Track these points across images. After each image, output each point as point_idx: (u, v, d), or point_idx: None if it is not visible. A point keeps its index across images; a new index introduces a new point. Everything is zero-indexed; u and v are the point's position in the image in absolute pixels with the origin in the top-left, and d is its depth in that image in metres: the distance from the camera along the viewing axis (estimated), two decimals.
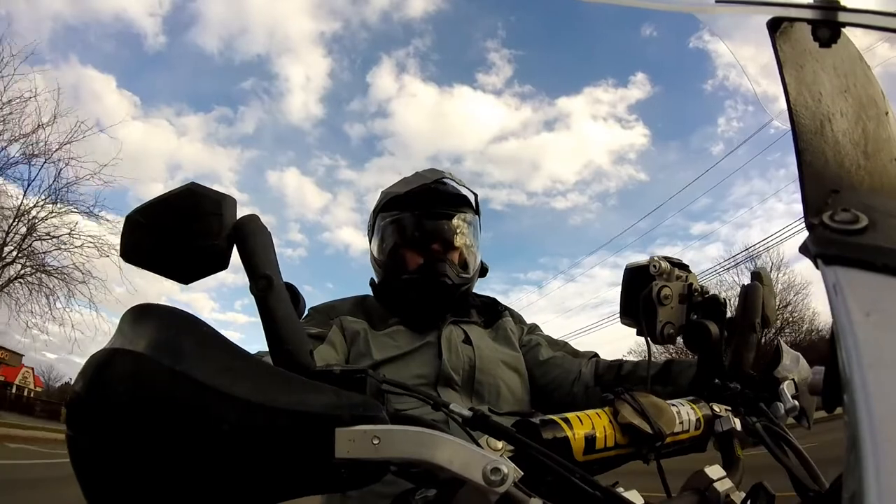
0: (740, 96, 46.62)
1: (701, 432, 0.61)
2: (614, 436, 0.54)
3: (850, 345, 0.27)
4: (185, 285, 0.48)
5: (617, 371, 0.96)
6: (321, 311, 1.07)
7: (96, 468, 0.38)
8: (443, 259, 1.03)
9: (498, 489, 0.38)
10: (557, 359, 1.07)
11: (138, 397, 0.37)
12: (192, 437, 0.36)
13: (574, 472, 0.44)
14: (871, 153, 0.41)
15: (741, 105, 47.41)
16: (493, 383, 1.00)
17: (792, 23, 0.42)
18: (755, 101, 0.50)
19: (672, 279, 0.73)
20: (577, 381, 1.00)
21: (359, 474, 0.39)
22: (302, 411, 0.38)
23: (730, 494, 0.54)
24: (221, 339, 0.40)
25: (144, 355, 0.37)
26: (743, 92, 47.71)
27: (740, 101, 46.95)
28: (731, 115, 50.49)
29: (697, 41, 48.51)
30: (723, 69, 47.10)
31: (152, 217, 0.46)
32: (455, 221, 1.06)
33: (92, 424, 0.38)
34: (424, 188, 1.05)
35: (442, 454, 0.38)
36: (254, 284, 0.44)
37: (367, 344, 1.00)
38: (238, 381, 0.38)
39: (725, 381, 0.68)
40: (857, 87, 0.44)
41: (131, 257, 0.47)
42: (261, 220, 0.47)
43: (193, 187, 0.46)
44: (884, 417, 0.24)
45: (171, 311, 0.41)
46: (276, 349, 0.44)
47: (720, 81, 48.27)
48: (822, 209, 0.33)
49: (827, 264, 0.30)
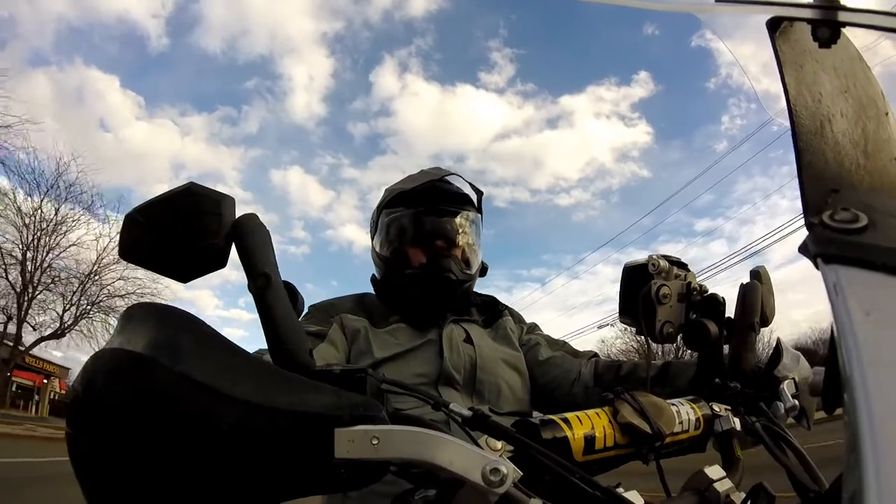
0: (743, 94, 46.80)
1: (700, 432, 0.61)
2: (614, 436, 0.54)
3: (850, 344, 0.27)
4: (185, 284, 0.48)
5: (616, 371, 0.97)
6: (321, 309, 1.07)
7: (96, 467, 0.38)
8: (447, 255, 1.04)
9: (497, 489, 0.38)
10: (557, 358, 1.07)
11: (138, 397, 0.37)
12: (192, 437, 0.36)
13: (574, 473, 0.44)
14: (871, 153, 0.41)
15: (744, 103, 47.58)
16: (494, 382, 1.00)
17: (792, 23, 0.42)
18: (757, 99, 0.50)
19: (671, 278, 0.73)
20: (577, 381, 1.00)
21: (358, 474, 0.39)
22: (301, 411, 0.38)
23: (730, 495, 0.54)
24: (220, 339, 0.40)
25: (144, 355, 0.37)
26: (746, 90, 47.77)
27: (743, 98, 47.13)
28: (735, 112, 50.76)
29: (700, 40, 48.75)
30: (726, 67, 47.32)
31: (151, 216, 0.47)
32: (459, 219, 1.07)
33: (91, 424, 0.38)
34: (429, 185, 1.06)
35: (441, 454, 0.38)
36: (252, 283, 0.44)
37: (368, 342, 1.00)
38: (237, 381, 0.38)
39: (725, 381, 0.68)
40: (856, 87, 0.44)
41: (131, 256, 0.47)
42: (259, 219, 0.47)
43: (192, 187, 0.46)
44: (884, 417, 0.24)
45: (169, 310, 0.41)
46: (275, 347, 0.44)
47: (723, 79, 48.53)
48: (822, 208, 0.33)
49: (827, 263, 0.30)
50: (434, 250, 1.04)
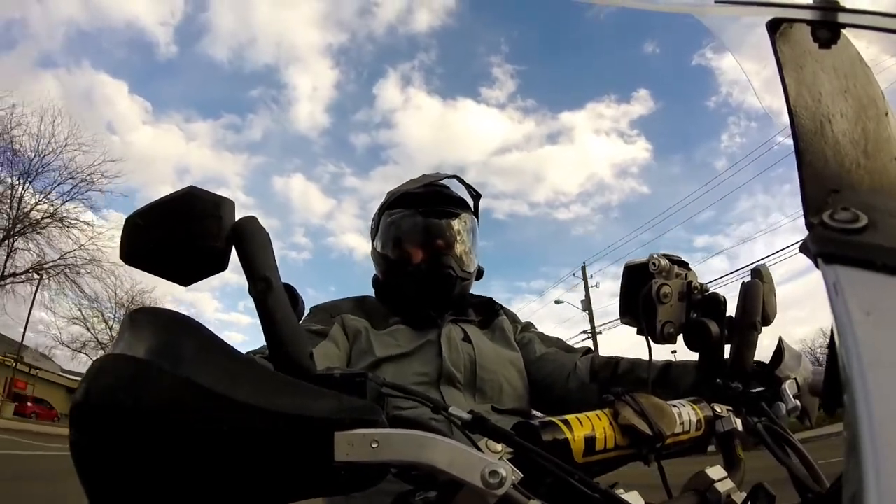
0: (742, 112, 47.02)
1: (702, 433, 0.61)
2: (614, 437, 0.53)
3: (850, 344, 0.27)
4: (185, 287, 0.49)
5: (614, 368, 0.96)
6: (323, 310, 1.09)
7: (98, 472, 0.38)
8: (446, 254, 1.07)
9: (496, 491, 0.38)
10: (551, 354, 1.08)
11: (139, 402, 0.37)
12: (193, 440, 0.37)
13: (573, 474, 0.44)
14: (871, 153, 0.41)
15: (744, 121, 47.79)
16: (496, 380, 1.01)
17: (792, 23, 0.42)
18: (758, 116, 0.50)
19: (671, 277, 0.72)
20: (572, 376, 1.00)
21: (358, 477, 0.39)
22: (302, 415, 0.38)
23: (731, 495, 0.54)
24: (220, 343, 0.40)
25: (144, 360, 0.37)
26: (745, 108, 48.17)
27: (743, 116, 47.35)
28: (734, 130, 51.09)
29: (700, 59, 49.02)
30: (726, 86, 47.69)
31: (152, 219, 0.47)
32: (457, 222, 1.10)
33: (93, 429, 0.38)
34: (430, 188, 1.11)
35: (441, 457, 0.38)
36: (252, 286, 0.44)
37: (369, 342, 1.01)
38: (238, 385, 0.38)
39: (727, 381, 0.68)
40: (856, 87, 0.44)
41: (131, 259, 0.47)
42: (259, 222, 0.47)
43: (192, 190, 0.46)
44: (884, 418, 0.24)
45: (170, 314, 0.41)
46: (276, 351, 0.44)
47: (723, 98, 48.89)
48: (822, 208, 0.33)
49: (827, 263, 0.30)
50: (434, 249, 1.07)
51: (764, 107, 0.51)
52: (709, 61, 52.31)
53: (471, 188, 1.19)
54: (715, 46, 3.08)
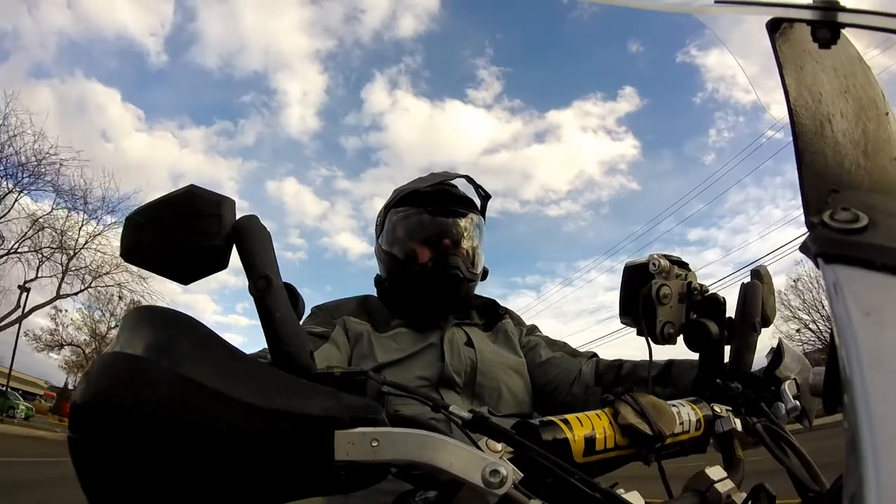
0: (730, 108, 47.21)
1: (701, 433, 0.61)
2: (614, 437, 0.53)
3: (850, 344, 0.27)
4: (185, 286, 0.48)
5: (617, 371, 0.96)
6: (325, 310, 1.08)
7: (97, 470, 0.38)
8: (453, 253, 1.05)
9: (497, 491, 0.38)
10: (556, 359, 1.07)
11: (138, 400, 0.37)
12: (192, 438, 0.36)
13: (574, 474, 0.44)
14: (871, 153, 0.41)
15: (731, 116, 47.94)
16: (494, 386, 1.00)
17: (791, 23, 0.42)
18: (744, 111, 0.50)
19: (671, 277, 0.72)
20: (577, 380, 1.00)
21: (358, 476, 0.39)
22: (301, 413, 0.38)
23: (731, 495, 0.53)
24: (220, 341, 0.40)
25: (143, 358, 0.37)
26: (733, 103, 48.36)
27: (730, 112, 47.48)
28: (722, 126, 51.29)
29: (684, 56, 49.10)
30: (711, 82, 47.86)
31: (152, 218, 0.47)
32: (465, 221, 1.08)
33: (92, 427, 0.38)
34: (438, 187, 1.09)
35: (441, 456, 0.38)
36: (253, 285, 0.44)
37: (371, 346, 1.00)
38: (237, 383, 0.38)
39: (726, 381, 0.68)
40: (856, 87, 0.44)
41: (131, 258, 0.47)
42: (259, 221, 0.47)
43: (193, 189, 0.46)
44: (884, 418, 0.24)
45: (169, 313, 0.41)
46: (276, 350, 0.44)
47: (709, 94, 49.10)
48: (823, 208, 0.33)
49: (827, 263, 0.30)
50: (441, 248, 1.05)
51: (764, 106, 0.51)
52: (693, 58, 52.62)
53: (481, 189, 1.17)
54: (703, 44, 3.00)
